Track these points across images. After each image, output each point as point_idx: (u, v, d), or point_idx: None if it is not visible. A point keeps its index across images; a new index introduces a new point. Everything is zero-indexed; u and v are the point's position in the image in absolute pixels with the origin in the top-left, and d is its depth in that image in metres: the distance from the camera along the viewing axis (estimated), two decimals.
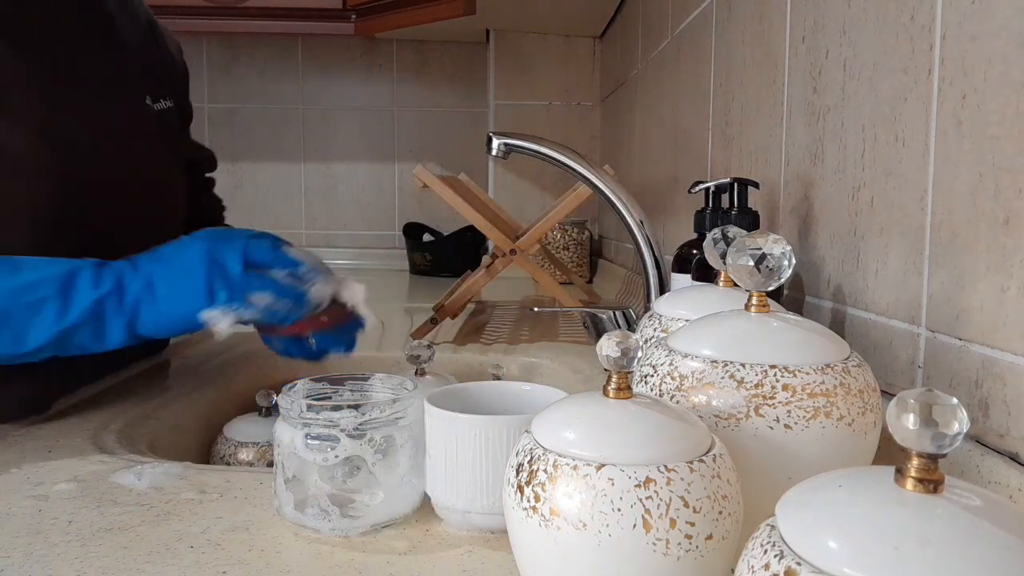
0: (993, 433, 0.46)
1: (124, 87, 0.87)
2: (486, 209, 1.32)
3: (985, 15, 0.46)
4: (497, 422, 0.49)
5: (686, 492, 0.34)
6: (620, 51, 1.86)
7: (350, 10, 1.98)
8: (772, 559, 0.26)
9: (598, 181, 0.79)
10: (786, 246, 0.45)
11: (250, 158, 2.44)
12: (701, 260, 0.74)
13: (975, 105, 0.47)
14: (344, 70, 2.45)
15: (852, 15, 0.63)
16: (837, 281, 0.66)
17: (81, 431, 0.72)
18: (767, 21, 0.82)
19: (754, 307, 0.46)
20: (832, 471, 0.29)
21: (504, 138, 0.79)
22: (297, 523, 0.52)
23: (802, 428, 0.40)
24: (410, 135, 2.48)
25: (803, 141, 0.72)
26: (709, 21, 1.05)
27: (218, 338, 0.70)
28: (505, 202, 2.05)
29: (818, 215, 0.69)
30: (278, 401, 0.53)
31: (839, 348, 0.44)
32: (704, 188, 0.77)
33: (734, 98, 0.94)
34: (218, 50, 2.40)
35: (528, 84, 2.18)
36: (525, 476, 0.36)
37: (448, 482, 0.50)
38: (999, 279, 0.45)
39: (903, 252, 0.55)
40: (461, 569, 0.47)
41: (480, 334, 1.21)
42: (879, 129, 0.59)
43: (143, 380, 0.91)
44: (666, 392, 0.43)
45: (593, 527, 0.34)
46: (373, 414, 0.52)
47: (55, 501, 0.57)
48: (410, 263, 2.26)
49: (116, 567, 0.47)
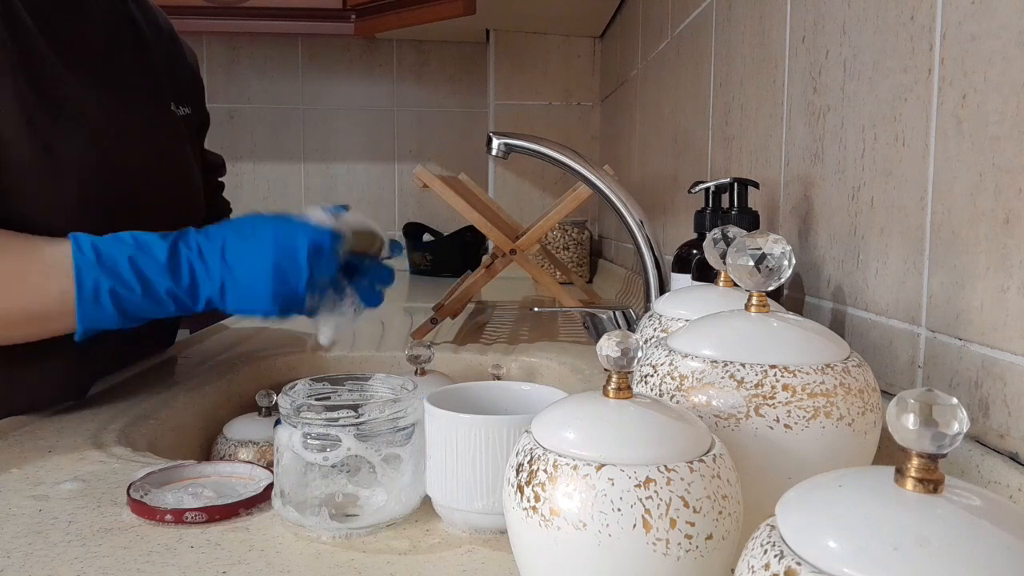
0: (993, 433, 0.46)
1: (152, 93, 0.91)
2: (486, 209, 1.32)
3: (985, 15, 0.46)
4: (497, 422, 0.49)
5: (686, 492, 0.34)
6: (620, 51, 1.86)
7: (350, 10, 1.98)
8: (772, 559, 0.26)
9: (598, 181, 0.79)
10: (786, 246, 0.45)
11: (250, 158, 2.44)
12: (701, 260, 0.74)
13: (975, 105, 0.47)
14: (344, 70, 2.45)
15: (852, 15, 0.63)
16: (837, 281, 0.66)
17: (81, 431, 0.72)
18: (767, 21, 0.82)
19: (754, 307, 0.46)
20: (832, 471, 0.29)
21: (504, 138, 0.79)
22: (297, 523, 0.52)
23: (802, 428, 0.40)
24: (410, 135, 2.48)
25: (803, 141, 0.72)
26: (709, 21, 1.05)
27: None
28: (505, 202, 2.05)
29: (818, 215, 0.69)
30: (278, 401, 0.53)
31: (839, 348, 0.44)
32: (704, 188, 0.77)
33: (734, 98, 0.94)
34: (218, 50, 2.40)
35: (528, 84, 2.18)
36: (525, 476, 0.36)
37: (448, 482, 0.50)
38: (999, 279, 0.45)
39: (903, 252, 0.55)
40: (461, 569, 0.47)
41: (480, 334, 1.21)
42: (879, 129, 0.59)
43: (143, 380, 0.91)
44: (666, 392, 0.43)
45: (593, 527, 0.34)
46: (373, 414, 0.52)
47: (55, 501, 0.57)
48: (410, 263, 2.26)
49: (116, 567, 0.47)
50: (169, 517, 0.52)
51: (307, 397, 0.54)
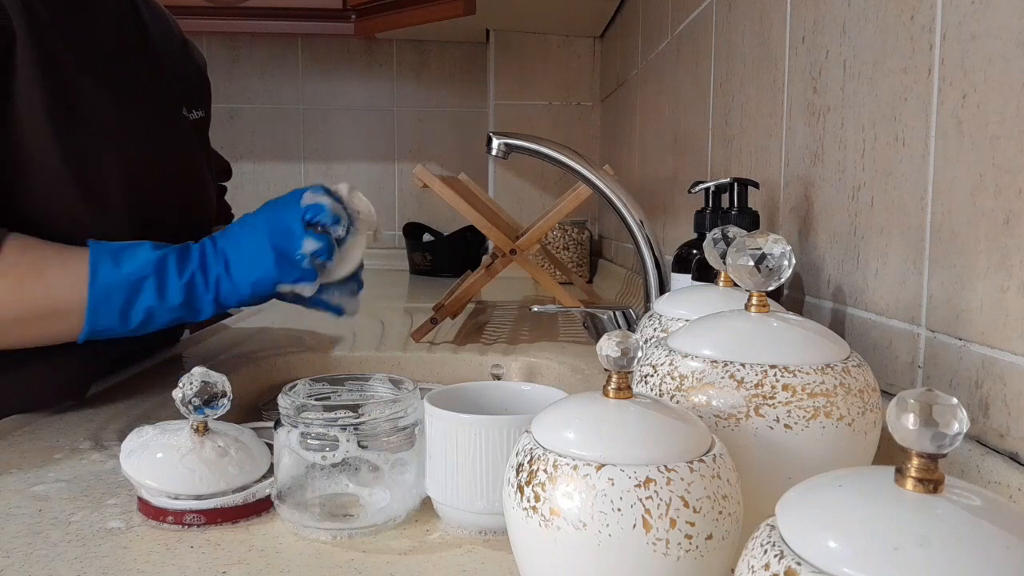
0: (993, 433, 0.46)
1: (163, 96, 0.92)
2: (486, 209, 1.32)
3: (985, 15, 0.46)
4: (497, 422, 0.49)
5: (686, 492, 0.34)
6: (620, 51, 1.86)
7: (350, 10, 1.98)
8: (772, 559, 0.26)
9: (598, 181, 0.79)
10: (786, 246, 0.45)
11: (250, 158, 2.44)
12: (701, 260, 0.74)
13: (975, 105, 0.47)
14: (344, 70, 2.45)
15: (852, 15, 0.63)
16: (837, 281, 0.66)
17: (81, 431, 0.73)
18: (767, 21, 0.82)
19: (754, 307, 0.46)
20: (832, 471, 0.29)
21: (504, 138, 0.79)
22: (297, 523, 0.52)
23: (802, 428, 0.40)
24: (410, 135, 2.48)
25: (803, 141, 0.72)
26: (709, 21, 1.05)
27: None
28: (505, 202, 2.05)
29: (818, 215, 0.69)
30: (278, 401, 0.53)
31: (839, 348, 0.44)
32: (704, 188, 0.77)
33: (734, 98, 0.94)
34: (218, 50, 2.40)
35: (528, 84, 2.18)
36: (525, 476, 0.36)
37: (448, 482, 0.50)
38: (999, 279, 0.45)
39: (903, 252, 0.55)
40: (461, 569, 0.47)
41: (480, 334, 1.21)
42: (879, 129, 0.59)
43: (143, 380, 0.91)
44: (666, 392, 0.43)
45: (593, 527, 0.34)
46: (373, 414, 0.52)
47: (55, 501, 0.57)
48: (410, 263, 2.25)
49: (116, 567, 0.47)
50: (170, 518, 0.52)
51: (307, 397, 0.54)
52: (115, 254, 0.73)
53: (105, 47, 0.83)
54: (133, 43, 0.89)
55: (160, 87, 0.92)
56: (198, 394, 0.54)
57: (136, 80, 0.87)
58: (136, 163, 0.82)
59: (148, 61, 0.91)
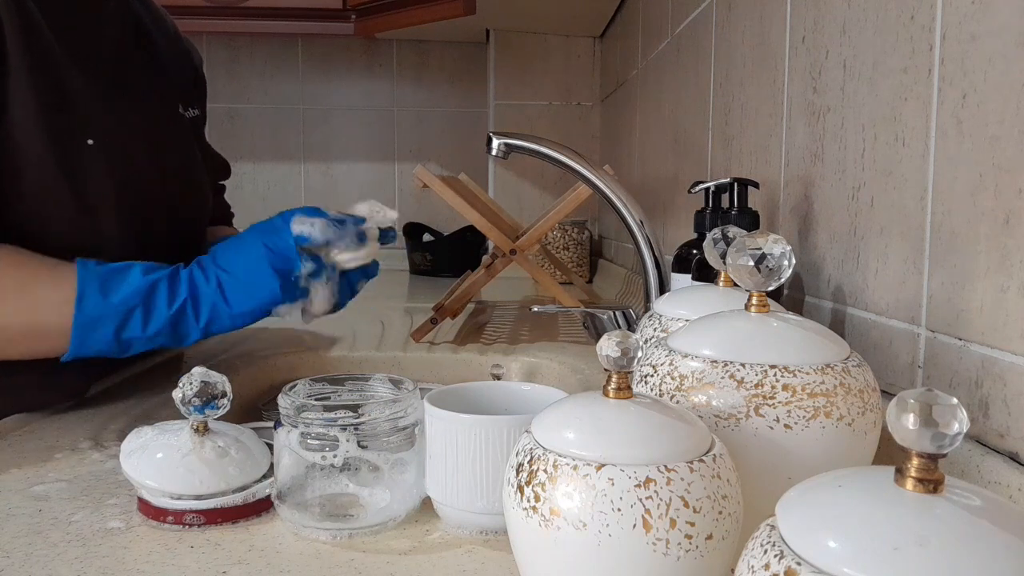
0: (993, 433, 0.46)
1: (161, 96, 0.92)
2: (486, 209, 1.32)
3: (985, 15, 0.46)
4: (497, 422, 0.49)
5: (686, 492, 0.34)
6: (620, 51, 1.86)
7: (350, 10, 1.98)
8: (772, 559, 0.26)
9: (598, 181, 0.79)
10: (786, 246, 0.45)
11: (250, 158, 2.44)
12: (701, 260, 0.74)
13: (975, 105, 0.47)
14: (344, 70, 2.45)
15: (852, 15, 0.63)
16: (837, 281, 0.66)
17: (81, 431, 0.73)
18: (767, 21, 0.82)
19: (754, 307, 0.46)
20: (832, 471, 0.29)
21: (504, 138, 0.79)
22: (297, 523, 0.52)
23: (802, 428, 0.40)
24: (410, 135, 2.48)
25: (803, 141, 0.72)
26: (709, 21, 1.05)
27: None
28: (505, 202, 2.05)
29: (818, 215, 0.69)
30: (278, 401, 0.53)
31: (839, 348, 0.44)
32: (704, 188, 0.77)
33: (734, 98, 0.94)
34: (218, 50, 2.39)
35: (528, 84, 2.18)
36: (525, 476, 0.36)
37: (448, 482, 0.50)
38: (999, 279, 0.45)
39: (903, 252, 0.55)
40: (461, 569, 0.47)
41: (480, 334, 1.21)
42: (879, 129, 0.59)
43: (143, 380, 0.91)
44: (666, 392, 0.43)
45: (593, 527, 0.34)
46: (373, 414, 0.52)
47: (55, 501, 0.57)
48: (410, 263, 2.25)
49: (116, 567, 0.47)
50: (170, 518, 0.52)
51: (307, 397, 0.54)
52: (104, 281, 0.72)
53: (102, 46, 0.83)
54: (130, 41, 0.89)
55: (157, 85, 0.91)
56: (198, 394, 0.54)
57: (133, 79, 0.87)
58: (132, 162, 0.82)
59: (145, 59, 0.91)
